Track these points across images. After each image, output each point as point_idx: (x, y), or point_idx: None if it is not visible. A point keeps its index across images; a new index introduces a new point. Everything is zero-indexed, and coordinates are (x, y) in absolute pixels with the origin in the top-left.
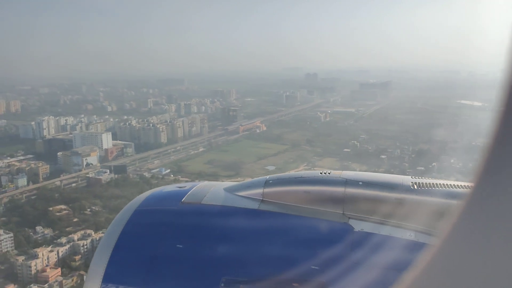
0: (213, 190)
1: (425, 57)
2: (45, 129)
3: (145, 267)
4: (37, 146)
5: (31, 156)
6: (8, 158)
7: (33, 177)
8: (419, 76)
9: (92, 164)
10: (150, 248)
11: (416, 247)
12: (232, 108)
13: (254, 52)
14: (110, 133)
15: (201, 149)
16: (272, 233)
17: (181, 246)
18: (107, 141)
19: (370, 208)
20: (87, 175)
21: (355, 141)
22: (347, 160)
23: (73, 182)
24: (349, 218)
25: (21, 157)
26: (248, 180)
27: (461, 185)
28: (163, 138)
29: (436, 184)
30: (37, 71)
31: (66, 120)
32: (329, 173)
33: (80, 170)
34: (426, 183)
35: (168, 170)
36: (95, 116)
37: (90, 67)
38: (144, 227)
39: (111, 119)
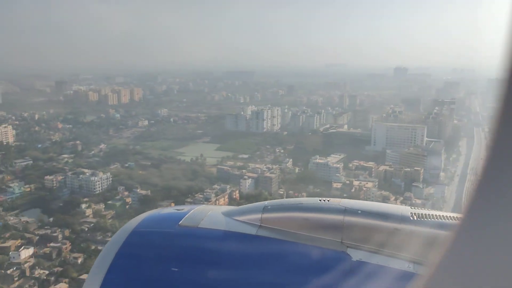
0: (210, 214)
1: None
2: (264, 120)
3: None
4: (307, 141)
5: (343, 155)
6: (321, 157)
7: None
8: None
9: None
10: (144, 271)
11: (414, 278)
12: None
13: (294, 48)
14: (425, 126)
15: None
16: (268, 259)
17: (176, 269)
18: (423, 136)
19: (368, 238)
20: None
21: None
22: None
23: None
24: (347, 247)
25: (337, 156)
26: (246, 205)
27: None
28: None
29: (436, 215)
30: (89, 62)
31: (277, 110)
32: (328, 201)
33: (438, 176)
34: (425, 214)
35: None
36: (332, 108)
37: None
38: (139, 249)
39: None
